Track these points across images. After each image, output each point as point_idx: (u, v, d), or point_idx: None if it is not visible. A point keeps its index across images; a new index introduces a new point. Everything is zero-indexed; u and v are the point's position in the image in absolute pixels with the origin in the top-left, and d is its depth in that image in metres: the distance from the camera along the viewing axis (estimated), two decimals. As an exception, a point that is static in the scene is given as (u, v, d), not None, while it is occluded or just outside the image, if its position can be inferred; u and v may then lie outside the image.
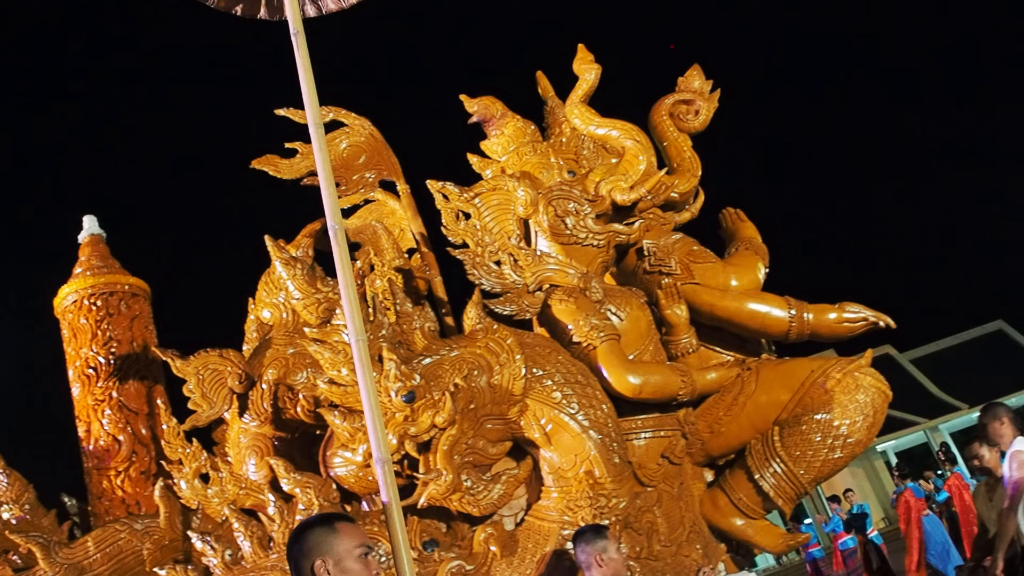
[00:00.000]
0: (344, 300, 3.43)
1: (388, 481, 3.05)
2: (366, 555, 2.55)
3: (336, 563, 2.48)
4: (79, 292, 8.80)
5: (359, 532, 2.61)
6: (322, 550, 2.50)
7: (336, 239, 3.46)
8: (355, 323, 3.34)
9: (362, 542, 2.56)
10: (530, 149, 6.44)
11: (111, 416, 8.37)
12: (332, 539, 2.52)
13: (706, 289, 6.14)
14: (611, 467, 5.16)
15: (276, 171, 7.02)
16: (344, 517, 2.66)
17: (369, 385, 3.26)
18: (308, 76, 3.83)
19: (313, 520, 2.66)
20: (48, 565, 5.63)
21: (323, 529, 2.56)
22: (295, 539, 2.57)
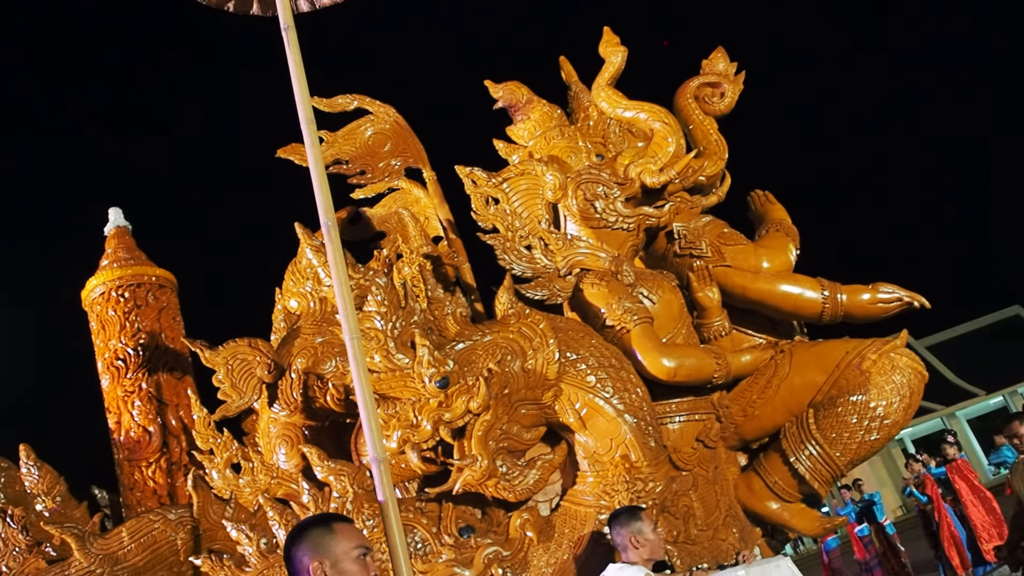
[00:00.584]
0: (338, 297, 3.38)
1: (384, 481, 3.02)
2: (364, 556, 2.48)
3: (333, 564, 2.42)
4: (107, 284, 8.81)
5: (357, 533, 2.55)
6: (319, 551, 2.44)
7: (328, 235, 3.42)
8: (348, 320, 3.30)
9: (360, 543, 2.49)
10: (558, 133, 6.39)
11: (141, 407, 8.38)
12: (329, 540, 2.47)
13: (738, 271, 6.08)
14: (647, 451, 5.12)
15: (301, 159, 6.99)
16: (342, 518, 2.61)
17: (364, 384, 3.21)
18: (300, 72, 3.79)
19: (310, 521, 2.61)
20: (83, 556, 5.63)
21: (320, 530, 2.49)
22: (292, 540, 2.51)
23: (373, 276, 5.33)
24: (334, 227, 3.47)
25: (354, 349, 3.29)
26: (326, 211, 3.48)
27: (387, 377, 5.10)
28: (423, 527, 5.14)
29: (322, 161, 3.62)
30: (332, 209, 3.51)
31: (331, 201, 3.50)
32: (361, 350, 3.32)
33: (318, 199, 3.48)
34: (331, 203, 3.51)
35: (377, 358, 5.09)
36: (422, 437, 4.96)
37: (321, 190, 3.52)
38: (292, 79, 3.76)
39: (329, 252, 3.44)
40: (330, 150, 7.05)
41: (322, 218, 3.47)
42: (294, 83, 3.75)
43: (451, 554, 5.00)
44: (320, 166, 3.57)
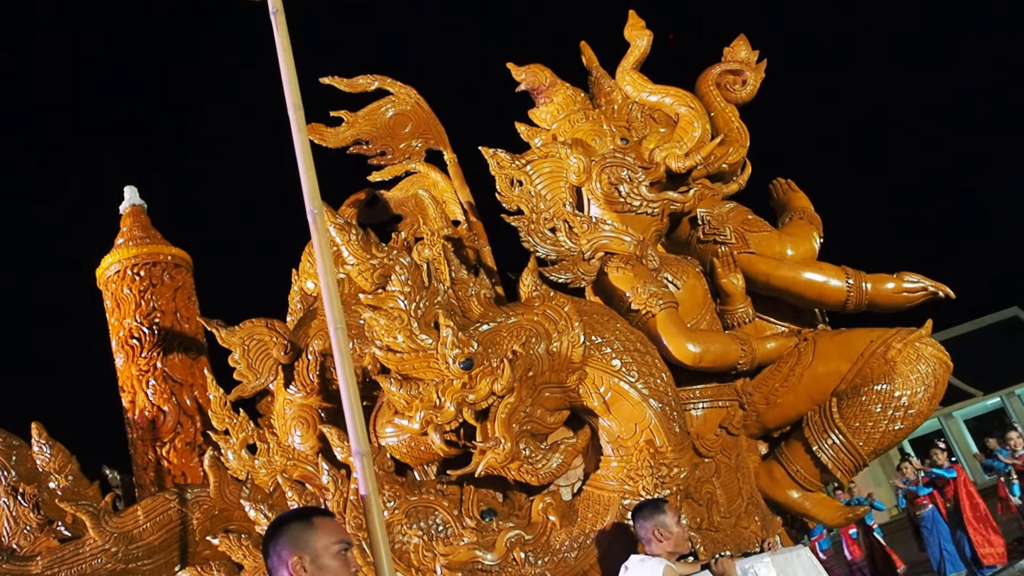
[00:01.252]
0: (323, 286, 3.30)
1: (367, 475, 2.95)
2: (345, 552, 2.44)
3: (313, 560, 2.38)
4: (122, 262, 8.74)
5: (338, 528, 2.50)
6: (299, 546, 2.39)
7: (315, 224, 3.33)
8: (333, 310, 3.23)
9: (341, 538, 2.45)
10: (582, 116, 6.32)
11: (156, 387, 8.32)
12: (309, 535, 2.41)
13: (762, 258, 6.03)
14: (672, 436, 5.07)
15: (321, 139, 6.94)
16: (322, 512, 2.55)
17: (348, 376, 3.13)
18: (288, 56, 3.69)
19: (290, 515, 2.55)
20: (98, 534, 5.58)
21: (300, 524, 2.44)
22: (271, 534, 2.46)
23: (397, 255, 5.27)
24: (320, 215, 3.37)
25: (338, 340, 3.21)
26: (312, 198, 3.38)
27: (410, 357, 5.04)
28: (444, 509, 5.09)
29: (309, 147, 3.49)
30: (318, 196, 3.41)
31: (317, 188, 3.41)
32: (345, 341, 3.24)
33: (304, 186, 3.40)
34: (317, 190, 3.42)
35: (400, 338, 5.02)
36: (445, 418, 4.90)
37: (307, 177, 3.42)
38: (280, 64, 3.65)
39: (315, 240, 3.35)
40: (350, 130, 7.00)
41: (308, 206, 3.37)
42: (282, 68, 3.65)
43: (473, 537, 4.95)
44: (307, 152, 3.46)
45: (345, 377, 3.15)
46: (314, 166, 3.51)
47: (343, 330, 3.24)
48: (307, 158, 3.47)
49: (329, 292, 3.28)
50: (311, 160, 3.47)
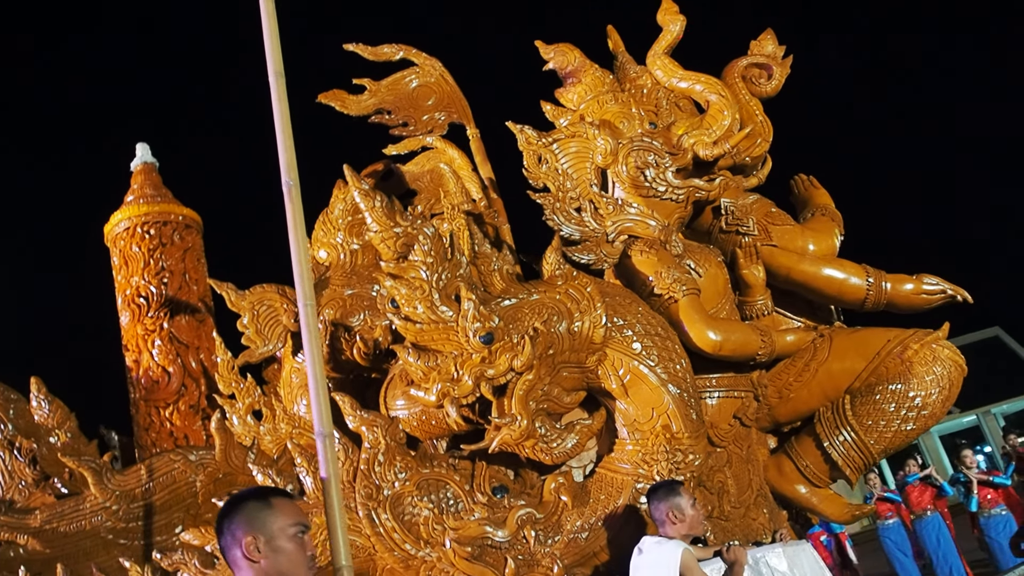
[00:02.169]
0: (295, 262, 3.20)
1: (328, 456, 2.88)
2: (301, 534, 2.35)
3: (268, 541, 2.30)
4: (132, 220, 8.64)
5: (296, 510, 2.41)
6: (254, 526, 2.31)
7: (290, 196, 3.23)
8: (304, 287, 3.14)
9: (298, 520, 2.36)
10: (611, 98, 6.26)
11: (161, 347, 8.23)
12: (266, 515, 2.34)
13: (783, 252, 5.99)
14: (688, 423, 5.03)
15: (343, 107, 6.87)
16: (281, 492, 2.46)
17: (316, 355, 3.06)
18: (272, 23, 3.56)
19: (247, 493, 2.45)
20: (99, 491, 5.50)
21: (257, 504, 2.36)
22: (226, 512, 2.37)
23: (421, 225, 5.21)
24: (295, 187, 3.26)
25: (307, 317, 3.12)
26: (288, 169, 3.27)
27: (429, 329, 4.98)
28: (456, 484, 5.05)
29: (288, 116, 3.37)
30: (295, 168, 3.29)
31: (295, 159, 3.30)
32: (315, 318, 3.15)
33: (281, 157, 3.29)
34: (294, 161, 3.31)
35: (420, 308, 4.97)
36: (463, 392, 4.85)
37: (285, 147, 3.31)
38: (263, 30, 3.53)
39: (289, 213, 3.24)
40: (372, 99, 6.93)
41: (284, 177, 3.26)
42: (265, 35, 3.51)
43: (484, 513, 4.91)
44: (286, 122, 3.35)
45: (312, 356, 3.06)
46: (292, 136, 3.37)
47: (312, 307, 3.14)
48: (286, 127, 3.34)
49: (300, 268, 3.18)
50: (290, 130, 3.34)
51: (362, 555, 4.97)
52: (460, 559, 4.80)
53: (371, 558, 4.98)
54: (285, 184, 3.28)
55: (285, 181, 3.26)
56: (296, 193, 3.28)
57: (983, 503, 10.66)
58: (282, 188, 3.33)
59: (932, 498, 12.09)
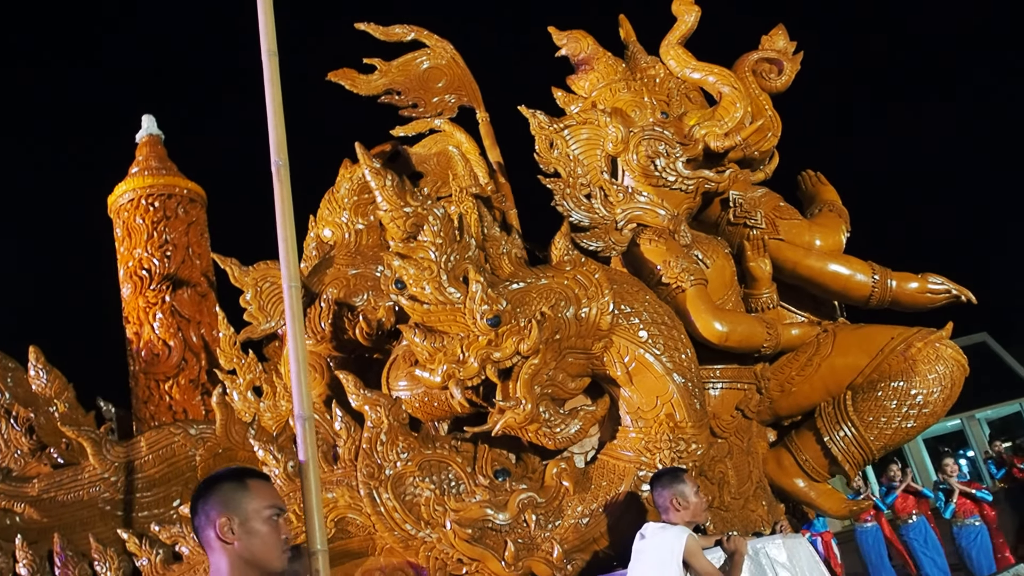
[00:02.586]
0: (281, 243, 3.13)
1: (307, 440, 2.82)
2: (276, 517, 2.32)
3: (242, 523, 2.27)
4: (136, 191, 8.57)
5: (272, 492, 2.38)
6: (229, 507, 2.28)
7: (279, 176, 3.16)
8: (289, 268, 3.08)
9: (273, 503, 2.33)
10: (624, 86, 6.24)
11: (163, 321, 8.19)
12: (241, 496, 2.30)
13: (790, 246, 6.00)
14: (692, 412, 5.03)
15: (353, 86, 6.84)
16: (258, 474, 2.42)
17: (298, 336, 3.00)
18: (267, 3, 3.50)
19: (223, 474, 2.41)
20: (98, 462, 5.48)
21: (233, 485, 2.33)
22: (201, 492, 2.34)
23: (431, 206, 5.19)
24: (285, 167, 3.19)
25: (291, 298, 3.06)
26: (279, 149, 3.20)
27: (436, 310, 4.97)
28: (458, 466, 5.04)
29: (280, 96, 3.30)
30: (285, 147, 3.22)
31: (285, 139, 3.24)
32: (299, 299, 3.07)
33: (272, 137, 3.23)
34: (285, 141, 3.25)
35: (428, 289, 4.96)
36: (468, 374, 4.84)
37: (276, 126, 3.24)
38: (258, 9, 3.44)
39: (277, 193, 3.16)
40: (382, 79, 6.91)
41: (273, 157, 3.20)
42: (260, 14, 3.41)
43: (485, 495, 4.90)
44: (278, 102, 3.28)
45: (295, 338, 3.01)
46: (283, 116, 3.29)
47: (297, 288, 3.08)
48: (277, 108, 3.26)
49: (286, 249, 3.12)
50: (281, 110, 3.27)
51: (362, 534, 4.97)
52: (460, 541, 4.80)
53: (371, 537, 4.98)
54: (274, 164, 3.20)
55: (275, 161, 3.20)
56: (285, 173, 3.21)
57: (958, 512, 10.71)
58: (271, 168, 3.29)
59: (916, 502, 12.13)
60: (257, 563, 2.29)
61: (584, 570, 4.88)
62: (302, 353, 3.02)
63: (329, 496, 4.98)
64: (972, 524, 10.54)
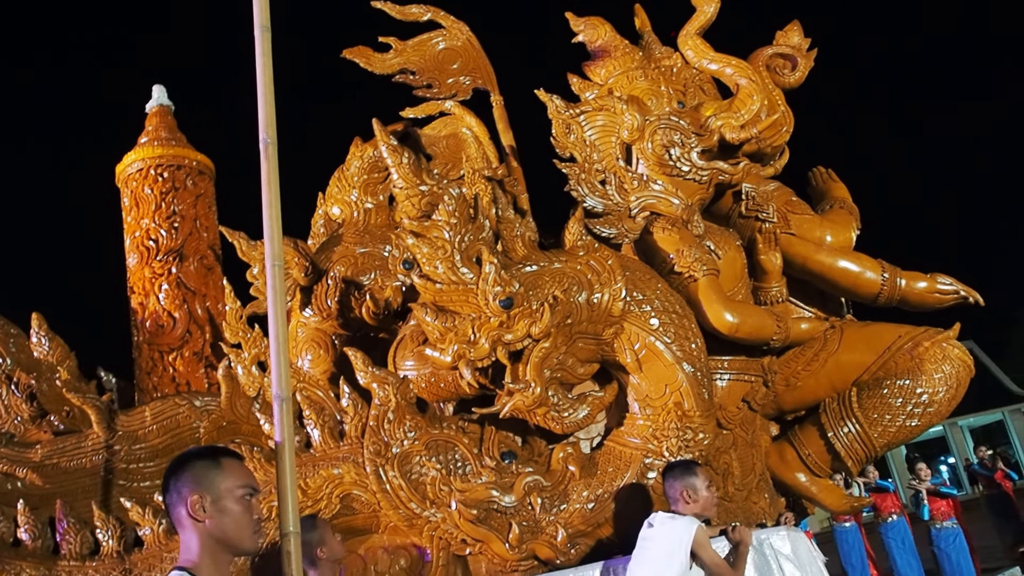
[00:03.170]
0: (266, 221, 3.09)
1: (284, 421, 2.79)
2: (249, 497, 2.31)
3: (214, 501, 2.26)
4: (146, 161, 8.52)
5: (246, 472, 2.37)
6: (201, 485, 2.27)
7: (266, 154, 3.11)
8: (273, 246, 3.05)
9: (247, 483, 2.32)
10: (641, 74, 6.23)
11: (168, 292, 8.15)
12: (214, 475, 2.29)
13: (801, 241, 6.00)
14: (700, 402, 5.04)
15: (368, 64, 6.80)
16: (231, 453, 2.41)
17: (279, 316, 2.96)
18: None
19: (196, 451, 2.41)
20: (102, 430, 5.46)
21: (206, 463, 2.32)
22: (174, 469, 2.33)
23: (447, 185, 5.18)
24: (273, 145, 3.13)
25: (274, 278, 3.01)
26: (267, 126, 3.14)
27: (448, 289, 4.97)
28: (464, 446, 5.04)
29: (271, 72, 3.23)
30: (274, 125, 3.16)
31: (274, 117, 3.18)
32: (282, 279, 3.04)
33: (261, 112, 3.16)
34: (274, 119, 3.18)
35: (441, 268, 4.95)
36: (479, 355, 4.83)
37: (266, 103, 3.17)
38: None
39: (264, 171, 3.10)
40: (397, 58, 6.86)
41: (262, 134, 3.14)
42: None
43: (491, 477, 4.90)
44: (268, 77, 3.20)
45: (275, 317, 2.97)
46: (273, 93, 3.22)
47: (280, 267, 3.04)
48: (268, 84, 3.19)
49: (271, 228, 3.06)
50: (271, 86, 3.21)
51: (366, 511, 4.96)
52: (465, 521, 4.80)
53: (375, 514, 4.97)
54: (262, 141, 3.14)
55: (263, 138, 3.14)
56: (272, 151, 3.14)
57: (935, 514, 10.75)
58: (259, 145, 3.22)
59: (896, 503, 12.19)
60: (228, 542, 2.29)
61: (588, 555, 4.88)
62: (282, 333, 2.97)
63: (335, 472, 4.97)
64: (950, 527, 10.60)
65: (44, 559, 5.03)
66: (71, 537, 5.02)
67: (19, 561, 4.97)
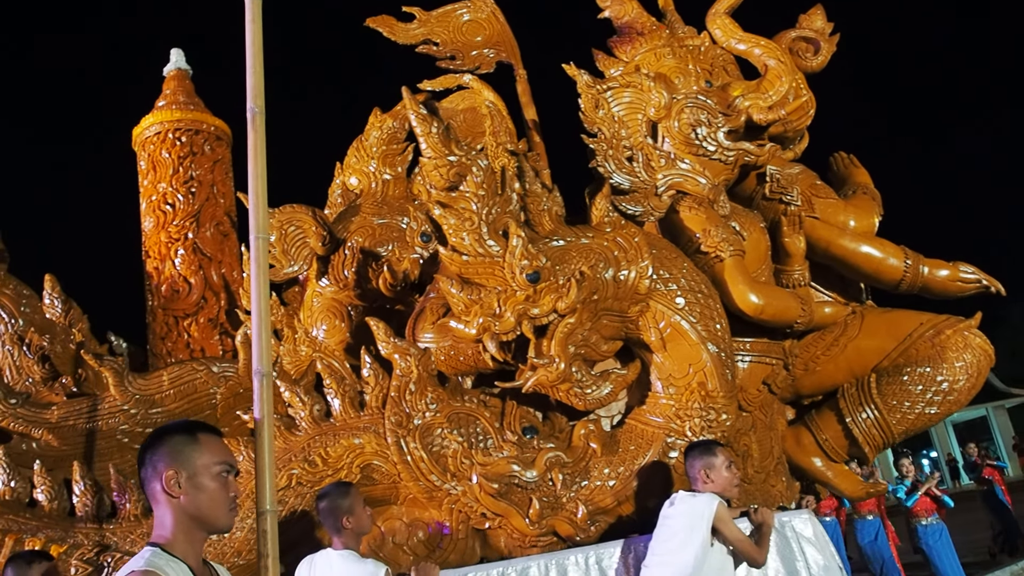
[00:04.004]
0: (251, 192, 3.06)
1: (264, 396, 2.77)
2: (226, 474, 2.27)
3: (190, 477, 2.22)
4: (163, 124, 8.43)
5: (224, 448, 2.32)
6: (177, 460, 2.22)
7: (253, 124, 3.06)
8: (258, 218, 3.00)
9: (225, 459, 2.29)
10: (669, 52, 6.17)
11: (184, 257, 8.09)
12: (191, 450, 2.25)
13: (824, 225, 5.96)
14: (724, 382, 5.01)
15: (391, 33, 6.74)
16: (210, 429, 2.36)
17: (262, 289, 2.94)
18: None
19: (174, 426, 2.36)
20: (119, 393, 5.41)
21: (183, 438, 2.28)
22: (150, 443, 2.29)
23: (475, 156, 5.12)
24: (260, 115, 3.06)
25: (257, 250, 2.98)
26: (255, 96, 3.08)
27: (475, 262, 4.93)
28: (486, 420, 5.01)
29: (260, 40, 3.17)
30: (262, 94, 3.10)
31: (263, 86, 3.12)
32: (265, 250, 3.01)
33: (249, 81, 3.10)
34: (262, 87, 3.12)
35: (467, 240, 4.92)
36: (504, 328, 4.80)
37: (255, 72, 3.11)
38: None
39: (251, 141, 3.05)
40: (421, 28, 6.80)
41: (250, 103, 3.09)
42: None
43: (513, 451, 4.88)
44: (258, 45, 3.15)
45: (258, 291, 2.93)
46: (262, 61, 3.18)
47: (264, 240, 2.99)
48: (257, 52, 3.14)
49: (256, 198, 3.02)
50: (261, 54, 3.16)
51: (386, 481, 4.94)
52: (485, 495, 4.78)
53: (395, 485, 4.95)
54: (250, 111, 3.08)
55: (250, 107, 3.09)
56: (260, 121, 3.07)
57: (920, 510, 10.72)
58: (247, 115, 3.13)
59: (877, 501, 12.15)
60: (203, 519, 2.24)
61: (607, 533, 4.87)
62: (264, 307, 2.95)
63: (356, 442, 4.94)
64: (934, 523, 10.62)
65: (60, 520, 4.99)
66: (88, 500, 4.98)
67: (35, 522, 4.94)
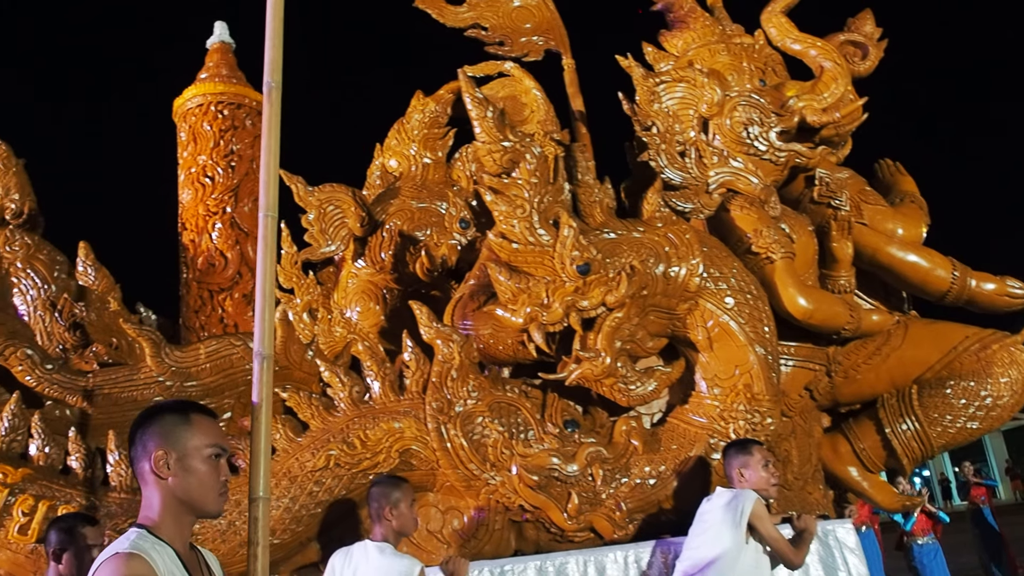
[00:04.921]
0: (263, 169, 2.97)
1: (264, 380, 2.70)
2: (217, 457, 2.21)
3: (180, 458, 2.16)
4: (206, 97, 8.37)
5: (216, 430, 2.27)
6: (168, 440, 2.17)
7: (269, 98, 2.98)
8: (268, 196, 2.91)
9: (216, 442, 2.23)
10: (723, 48, 6.09)
11: (222, 231, 8.02)
12: (183, 431, 2.19)
13: (872, 232, 5.88)
14: (770, 386, 4.95)
15: (440, 15, 6.68)
16: (203, 410, 2.30)
17: (268, 268, 2.86)
18: None
19: (166, 405, 2.30)
20: (155, 364, 5.34)
21: (175, 418, 2.21)
22: (141, 422, 2.22)
23: (529, 143, 5.06)
24: (277, 89, 2.99)
25: (266, 228, 2.88)
26: (273, 70, 3.01)
27: (524, 250, 4.87)
28: (527, 411, 4.95)
29: (281, 13, 3.09)
30: (280, 68, 3.03)
31: (281, 60, 3.05)
32: (274, 230, 2.90)
33: (267, 55, 3.03)
34: (280, 62, 3.05)
35: (518, 227, 4.87)
36: (552, 319, 4.75)
37: (273, 46, 3.04)
38: None
39: (265, 116, 2.97)
40: (470, 12, 6.75)
41: (266, 77, 3.01)
42: None
43: (554, 444, 4.82)
44: (278, 18, 3.07)
45: (264, 272, 2.85)
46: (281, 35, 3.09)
47: (274, 218, 2.89)
48: (277, 25, 3.07)
49: (268, 175, 2.92)
50: (280, 28, 3.08)
51: (424, 467, 4.87)
52: (524, 487, 4.73)
53: (432, 472, 4.88)
54: (266, 84, 3.00)
55: (267, 81, 3.02)
56: (276, 95, 2.98)
57: (917, 530, 10.65)
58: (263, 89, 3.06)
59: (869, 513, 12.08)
60: (191, 502, 2.18)
61: (644, 532, 4.81)
62: (270, 288, 2.86)
63: (396, 426, 4.88)
64: (930, 543, 10.56)
65: (94, 489, 4.93)
66: (122, 469, 4.92)
67: (69, 489, 4.88)
